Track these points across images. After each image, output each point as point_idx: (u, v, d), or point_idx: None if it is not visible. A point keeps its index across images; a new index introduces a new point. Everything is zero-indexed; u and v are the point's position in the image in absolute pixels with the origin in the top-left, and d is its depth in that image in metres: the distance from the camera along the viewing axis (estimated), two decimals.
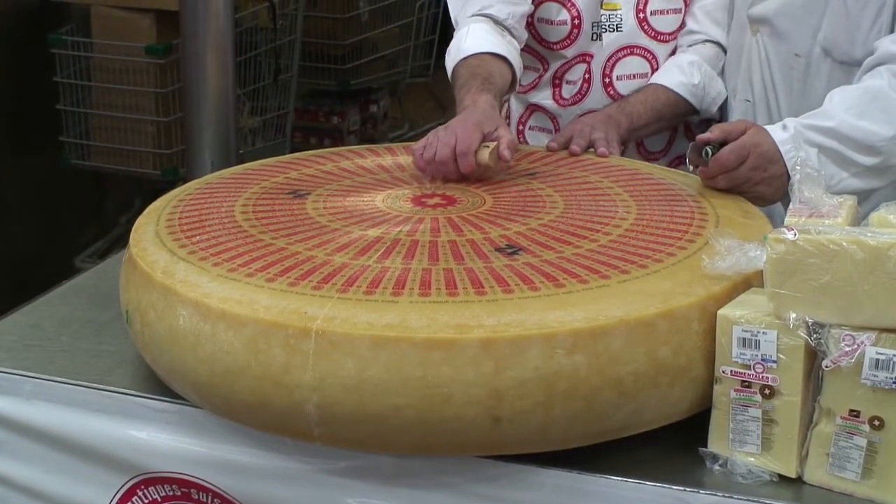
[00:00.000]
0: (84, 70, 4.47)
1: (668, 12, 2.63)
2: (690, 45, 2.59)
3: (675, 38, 2.63)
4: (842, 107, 2.11)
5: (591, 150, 2.30)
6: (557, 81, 2.69)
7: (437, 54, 6.30)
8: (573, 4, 2.59)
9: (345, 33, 5.49)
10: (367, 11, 5.55)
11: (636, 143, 2.62)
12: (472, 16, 2.53)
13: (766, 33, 2.40)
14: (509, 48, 2.48)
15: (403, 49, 5.88)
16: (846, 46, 2.25)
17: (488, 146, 2.11)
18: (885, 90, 2.10)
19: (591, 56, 2.62)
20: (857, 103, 2.11)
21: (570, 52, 2.64)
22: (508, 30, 2.51)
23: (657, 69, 2.61)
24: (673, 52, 2.63)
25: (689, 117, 2.61)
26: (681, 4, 2.62)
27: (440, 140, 2.12)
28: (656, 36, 2.64)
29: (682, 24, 2.62)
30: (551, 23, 2.61)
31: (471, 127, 2.13)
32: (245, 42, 4.57)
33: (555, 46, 2.64)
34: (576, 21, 2.60)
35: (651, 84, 2.54)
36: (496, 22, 2.51)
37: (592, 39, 2.61)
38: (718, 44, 2.58)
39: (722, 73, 2.56)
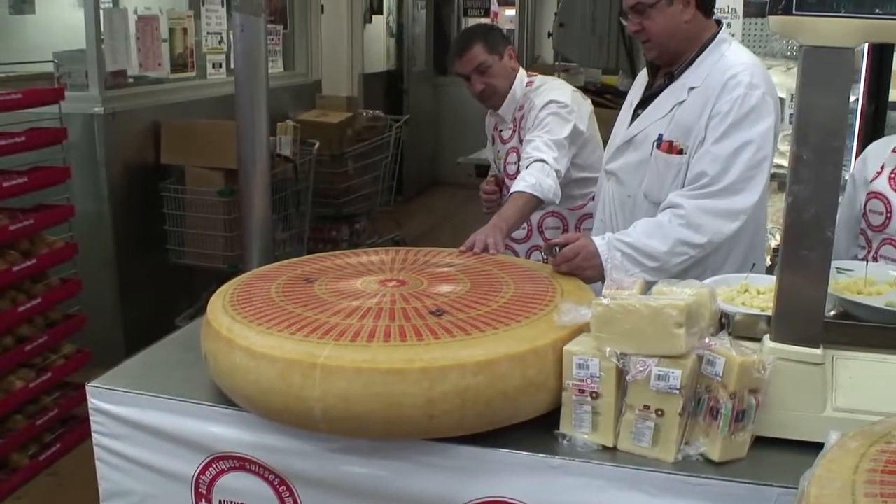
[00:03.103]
0: (181, 204, 4.46)
1: (514, 163, 2.91)
2: (527, 166, 2.64)
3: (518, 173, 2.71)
4: (639, 230, 2.14)
5: (486, 251, 2.30)
6: None
7: (395, 192, 6.33)
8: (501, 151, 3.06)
9: (339, 181, 5.52)
10: (352, 168, 5.58)
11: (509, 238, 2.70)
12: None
13: (614, 181, 2.42)
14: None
15: (374, 190, 5.88)
16: (657, 194, 2.26)
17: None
18: (665, 223, 2.13)
19: None
20: (649, 230, 2.13)
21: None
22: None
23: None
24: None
25: (538, 208, 2.63)
26: (516, 159, 2.87)
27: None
28: (508, 174, 2.95)
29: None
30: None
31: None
32: (278, 187, 4.57)
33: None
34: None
35: (515, 192, 2.56)
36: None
37: None
38: (544, 161, 2.61)
39: (548, 176, 2.58)
